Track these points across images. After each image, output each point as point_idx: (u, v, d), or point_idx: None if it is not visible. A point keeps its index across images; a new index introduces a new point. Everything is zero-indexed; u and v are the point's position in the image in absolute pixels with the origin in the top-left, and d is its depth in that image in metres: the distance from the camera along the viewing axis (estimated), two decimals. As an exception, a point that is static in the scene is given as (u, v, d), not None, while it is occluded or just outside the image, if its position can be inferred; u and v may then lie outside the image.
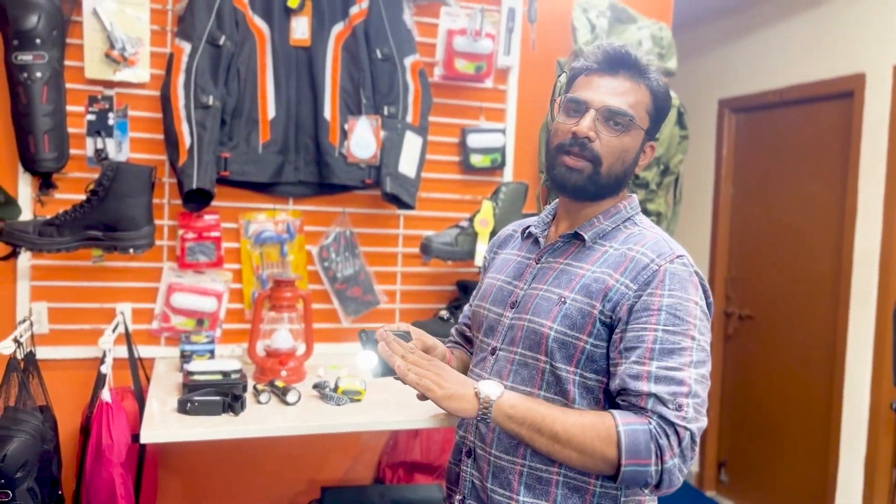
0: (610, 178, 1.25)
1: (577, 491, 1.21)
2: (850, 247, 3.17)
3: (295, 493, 2.29)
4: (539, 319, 1.23)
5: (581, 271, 1.24)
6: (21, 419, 1.60)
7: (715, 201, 4.06)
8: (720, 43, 4.01)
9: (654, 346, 1.12)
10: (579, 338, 1.20)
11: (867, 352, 3.10)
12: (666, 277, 1.17)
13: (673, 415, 1.08)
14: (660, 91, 1.27)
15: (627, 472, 1.08)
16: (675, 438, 1.08)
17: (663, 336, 1.13)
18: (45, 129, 1.88)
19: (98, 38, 1.95)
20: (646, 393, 1.10)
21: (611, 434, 1.08)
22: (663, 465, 1.07)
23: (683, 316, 1.15)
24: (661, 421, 1.08)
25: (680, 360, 1.12)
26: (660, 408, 1.09)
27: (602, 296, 1.19)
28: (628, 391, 1.12)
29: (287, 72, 2.07)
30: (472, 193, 2.36)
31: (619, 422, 1.09)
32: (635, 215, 1.31)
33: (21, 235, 1.82)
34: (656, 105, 1.27)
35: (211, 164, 1.92)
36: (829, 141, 3.35)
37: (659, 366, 1.11)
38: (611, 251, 1.25)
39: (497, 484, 1.25)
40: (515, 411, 1.12)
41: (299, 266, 2.21)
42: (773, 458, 3.65)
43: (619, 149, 1.24)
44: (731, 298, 3.96)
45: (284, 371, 1.94)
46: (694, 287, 1.18)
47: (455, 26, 2.22)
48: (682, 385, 1.10)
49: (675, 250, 1.21)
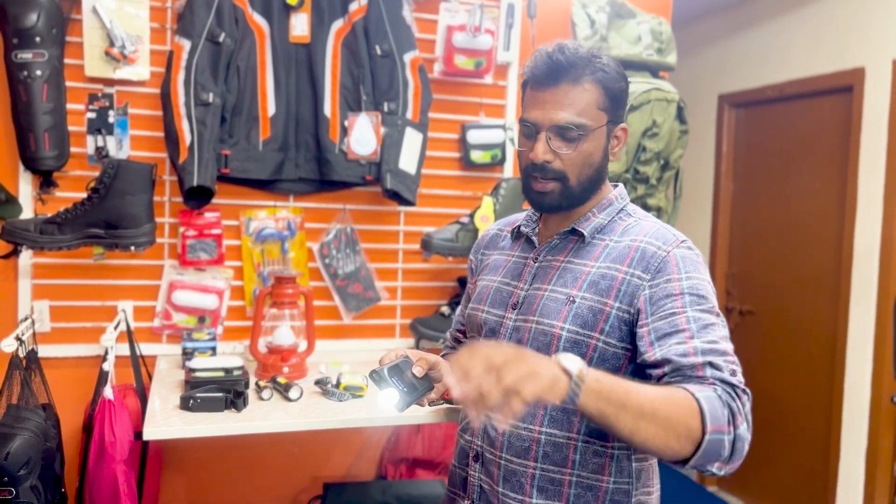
0: (583, 186, 1.24)
1: (589, 489, 1.20)
2: (851, 241, 3.18)
3: (297, 489, 2.29)
4: (548, 320, 1.22)
5: (586, 268, 1.23)
6: (24, 417, 1.61)
7: (715, 197, 4.06)
8: (720, 38, 4.01)
9: (689, 326, 1.11)
10: (591, 335, 1.19)
11: (867, 346, 3.10)
12: (679, 261, 1.17)
13: (732, 378, 1.07)
14: (608, 77, 1.20)
15: (711, 443, 1.00)
16: (739, 402, 1.05)
17: (694, 315, 1.12)
18: (46, 128, 1.88)
19: (98, 35, 1.95)
20: (700, 363, 1.08)
21: (690, 402, 1.01)
22: (736, 430, 1.03)
23: (705, 294, 1.15)
24: (724, 385, 1.06)
25: (716, 334, 1.12)
26: (718, 374, 1.07)
27: (615, 292, 1.18)
28: (682, 367, 1.08)
29: (287, 69, 2.07)
30: (472, 190, 2.36)
31: (693, 390, 1.03)
32: (627, 205, 1.31)
33: (22, 234, 1.82)
34: (610, 93, 1.21)
35: (211, 162, 1.92)
36: (828, 136, 3.35)
37: (702, 340, 1.10)
38: (612, 244, 1.24)
39: (509, 488, 1.24)
40: (602, 386, 0.98)
41: (300, 263, 2.21)
42: (774, 453, 3.66)
43: (582, 158, 1.21)
44: (732, 294, 3.96)
45: (286, 367, 1.94)
46: (703, 266, 1.20)
47: (454, 22, 2.22)
48: (727, 355, 1.10)
49: (677, 236, 1.22)
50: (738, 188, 3.98)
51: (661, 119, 2.21)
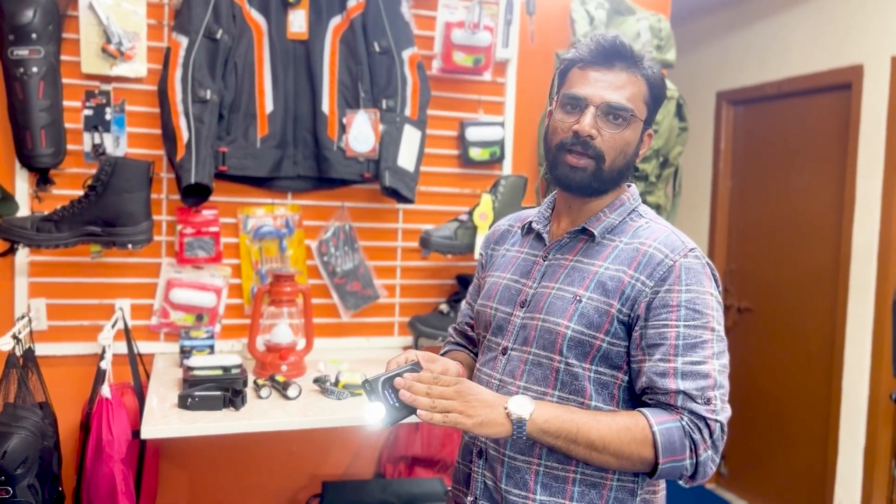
0: (613, 173, 1.24)
1: (594, 487, 1.20)
2: (849, 238, 3.17)
3: (296, 487, 2.29)
4: (554, 319, 1.21)
5: (594, 268, 1.23)
6: (20, 416, 1.60)
7: (713, 194, 4.06)
8: (718, 35, 4.00)
9: (677, 343, 1.14)
10: (596, 336, 1.19)
11: (866, 343, 3.10)
12: (682, 273, 1.18)
13: (703, 409, 1.12)
14: (655, 79, 1.25)
15: (664, 469, 1.11)
16: (706, 432, 1.11)
17: (685, 331, 1.15)
18: (42, 125, 1.87)
19: (94, 32, 1.94)
20: (674, 390, 1.12)
21: (646, 435, 1.10)
22: (698, 458, 1.11)
23: (702, 309, 1.16)
24: (692, 416, 1.11)
25: (703, 353, 1.14)
26: (690, 404, 1.12)
27: (619, 294, 1.19)
28: (656, 389, 1.14)
29: (285, 65, 2.06)
30: (471, 187, 2.36)
31: (653, 421, 1.11)
32: (638, 206, 1.31)
33: (19, 231, 1.81)
34: (653, 94, 1.25)
35: (209, 159, 1.91)
36: (827, 133, 3.35)
37: (684, 361, 1.13)
38: (622, 246, 1.23)
39: (512, 484, 1.23)
40: (550, 426, 1.11)
41: (298, 261, 2.21)
42: (772, 450, 3.66)
43: (622, 143, 1.22)
44: (730, 291, 3.96)
45: (285, 366, 1.93)
46: (708, 279, 1.20)
47: (453, 19, 2.21)
48: (707, 378, 1.13)
49: (686, 244, 1.22)
50: (736, 185, 3.97)
51: (661, 116, 2.20)
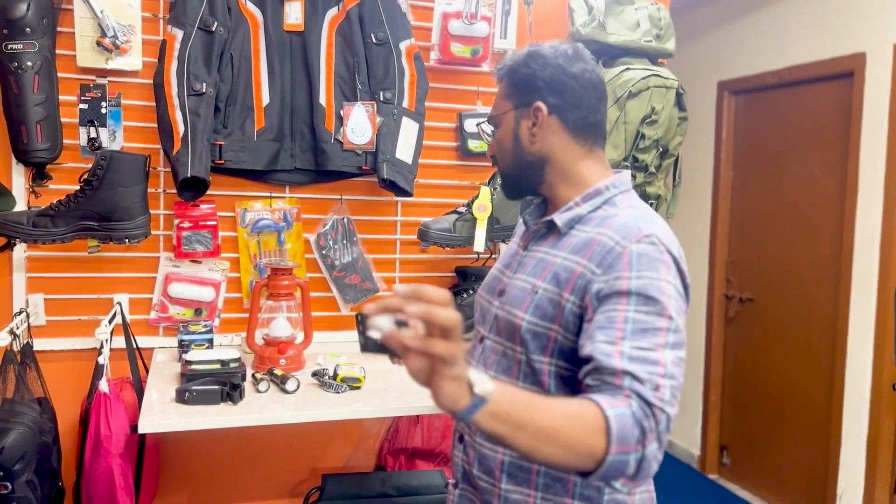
0: (509, 169, 1.31)
1: (558, 481, 1.20)
2: (851, 228, 3.16)
3: (296, 481, 2.29)
4: (514, 310, 1.22)
5: (554, 259, 1.21)
6: (19, 411, 1.60)
7: (714, 184, 4.04)
8: (719, 24, 3.98)
9: (625, 327, 1.04)
10: (551, 328, 1.16)
11: (868, 333, 3.09)
12: (633, 258, 1.09)
13: (651, 395, 0.98)
14: (513, 65, 1.29)
15: (612, 463, 0.96)
16: (653, 421, 0.97)
17: (635, 316, 1.04)
18: (38, 119, 1.86)
19: (89, 26, 1.93)
20: (621, 370, 1.00)
21: (598, 421, 0.95)
22: (644, 450, 0.97)
23: (656, 295, 1.06)
24: (640, 401, 0.98)
25: (654, 340, 1.03)
26: (637, 386, 0.99)
27: (572, 285, 1.14)
28: (602, 369, 1.02)
29: (281, 58, 2.05)
30: (469, 179, 2.35)
31: (605, 406, 0.96)
32: (618, 195, 1.24)
33: (15, 227, 1.80)
34: (513, 78, 1.28)
35: (205, 152, 1.90)
36: (829, 122, 3.33)
37: (632, 346, 1.02)
38: (582, 236, 1.20)
39: (482, 471, 1.25)
40: (498, 407, 0.93)
41: (297, 254, 2.20)
42: (775, 441, 3.66)
43: (497, 143, 1.32)
44: (732, 282, 3.95)
45: (283, 359, 1.93)
46: (665, 266, 1.10)
47: (450, 9, 2.20)
48: (656, 365, 1.01)
49: (643, 229, 1.13)
50: (737, 176, 3.96)
51: (660, 106, 2.19)
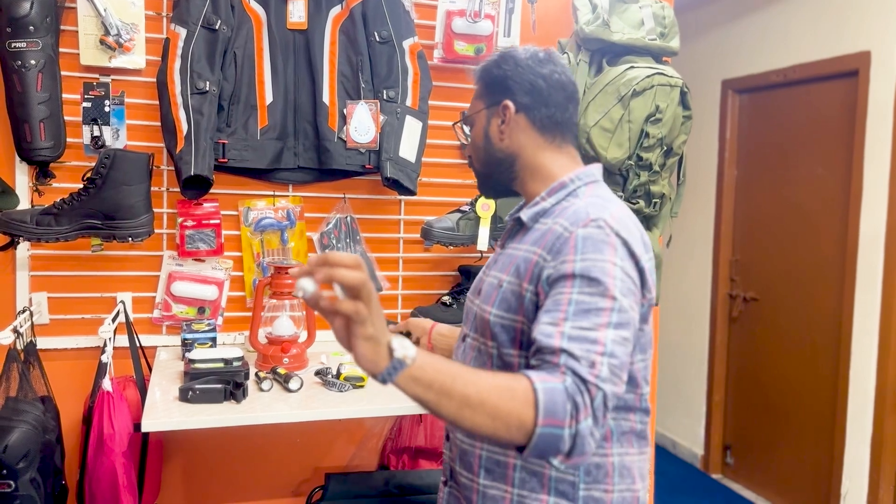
0: (482, 167, 1.35)
1: (534, 475, 1.21)
2: (856, 228, 3.15)
3: (299, 480, 2.29)
4: (484, 305, 1.26)
5: (518, 252, 1.24)
6: (22, 410, 1.60)
7: (718, 183, 4.03)
8: (723, 23, 3.97)
9: (568, 308, 1.06)
10: (516, 319, 1.19)
11: (873, 332, 3.08)
12: (578, 242, 1.12)
13: (586, 371, 1.00)
14: (485, 66, 1.32)
15: (542, 436, 0.97)
16: (587, 397, 0.99)
17: (577, 298, 1.07)
18: (41, 118, 1.86)
19: (92, 24, 1.93)
20: (558, 349, 1.02)
21: (527, 393, 0.98)
22: (577, 425, 0.98)
23: (598, 276, 1.08)
24: (574, 377, 1.00)
25: (596, 320, 1.05)
26: (572, 363, 1.01)
27: (529, 274, 1.18)
28: (542, 349, 1.05)
29: (284, 56, 2.04)
30: (473, 178, 2.33)
31: (535, 379, 0.99)
32: (581, 187, 1.25)
33: (18, 225, 1.80)
34: (486, 79, 1.31)
35: (209, 151, 1.90)
36: (833, 121, 3.32)
37: (573, 326, 1.04)
38: (543, 228, 1.22)
39: (463, 467, 1.27)
40: (423, 373, 0.95)
41: (300, 253, 2.20)
42: (779, 441, 3.65)
43: (472, 143, 1.36)
44: (736, 281, 3.94)
45: (286, 358, 1.93)
46: (611, 248, 1.11)
47: (454, 7, 2.19)
48: (595, 344, 1.03)
49: (590, 214, 1.15)
50: (741, 174, 3.95)
51: (665, 105, 2.18)
